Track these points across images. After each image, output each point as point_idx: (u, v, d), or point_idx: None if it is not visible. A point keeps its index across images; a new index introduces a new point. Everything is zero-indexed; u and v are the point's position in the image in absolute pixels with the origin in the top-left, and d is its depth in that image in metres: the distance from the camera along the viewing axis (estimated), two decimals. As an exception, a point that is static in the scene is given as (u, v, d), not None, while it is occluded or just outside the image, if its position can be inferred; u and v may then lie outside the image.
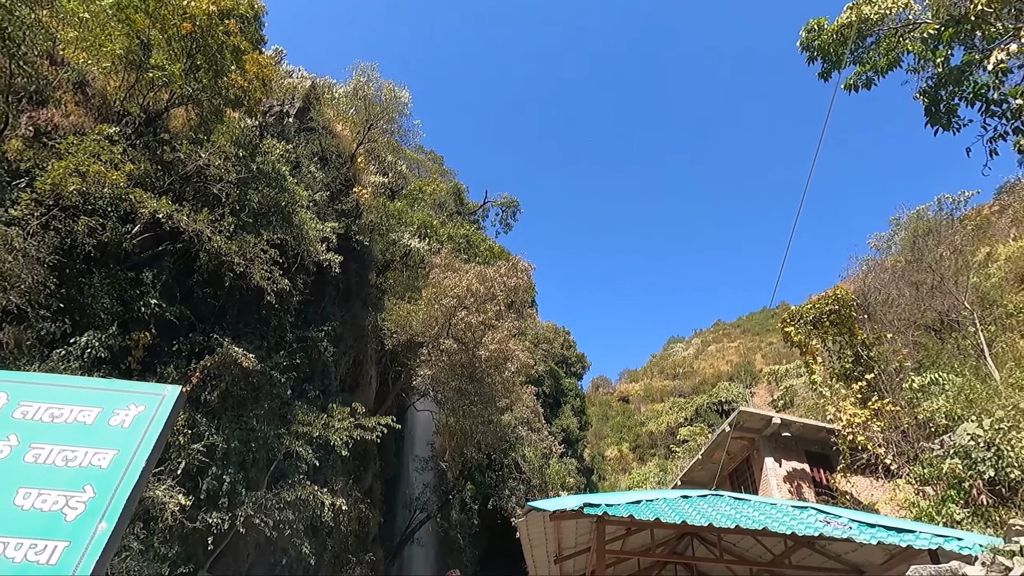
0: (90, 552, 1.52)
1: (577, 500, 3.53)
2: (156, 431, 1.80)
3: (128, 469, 1.68)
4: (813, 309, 10.58)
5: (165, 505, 8.32)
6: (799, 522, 3.16)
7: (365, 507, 15.61)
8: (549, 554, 4.44)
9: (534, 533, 4.05)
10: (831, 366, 10.36)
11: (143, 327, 9.53)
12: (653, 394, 69.71)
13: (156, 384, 1.90)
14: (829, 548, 4.42)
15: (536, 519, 3.74)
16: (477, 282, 14.64)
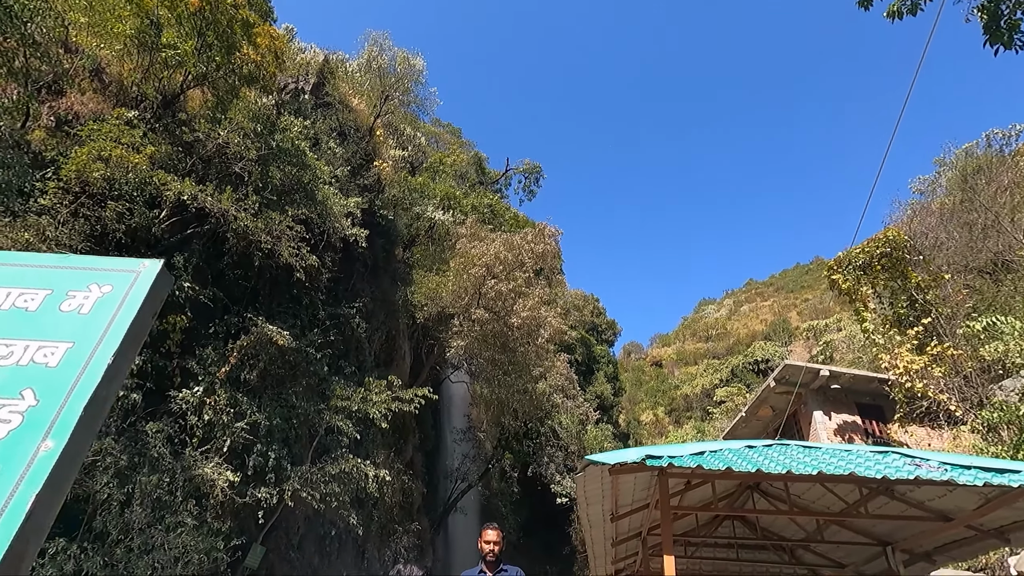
0: (27, 483, 0.98)
1: (638, 452, 3.31)
2: (128, 317, 1.27)
3: (87, 368, 1.17)
4: (863, 253, 9.96)
5: (215, 482, 8.47)
6: (886, 466, 2.88)
7: (407, 478, 15.83)
8: (605, 512, 4.25)
9: (591, 490, 3.86)
10: (883, 313, 9.81)
11: (178, 311, 9.59)
12: (686, 357, 69.05)
13: (130, 259, 1.38)
14: (911, 495, 4.12)
15: (594, 474, 3.53)
16: (505, 250, 14.37)
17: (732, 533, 5.76)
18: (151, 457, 7.80)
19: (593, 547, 5.25)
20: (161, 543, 7.01)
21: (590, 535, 4.93)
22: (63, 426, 1.09)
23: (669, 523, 3.42)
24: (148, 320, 1.40)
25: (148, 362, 8.60)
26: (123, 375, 1.30)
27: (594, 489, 3.80)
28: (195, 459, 8.37)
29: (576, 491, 3.88)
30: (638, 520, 4.79)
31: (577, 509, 4.21)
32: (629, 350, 76.36)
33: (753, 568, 6.33)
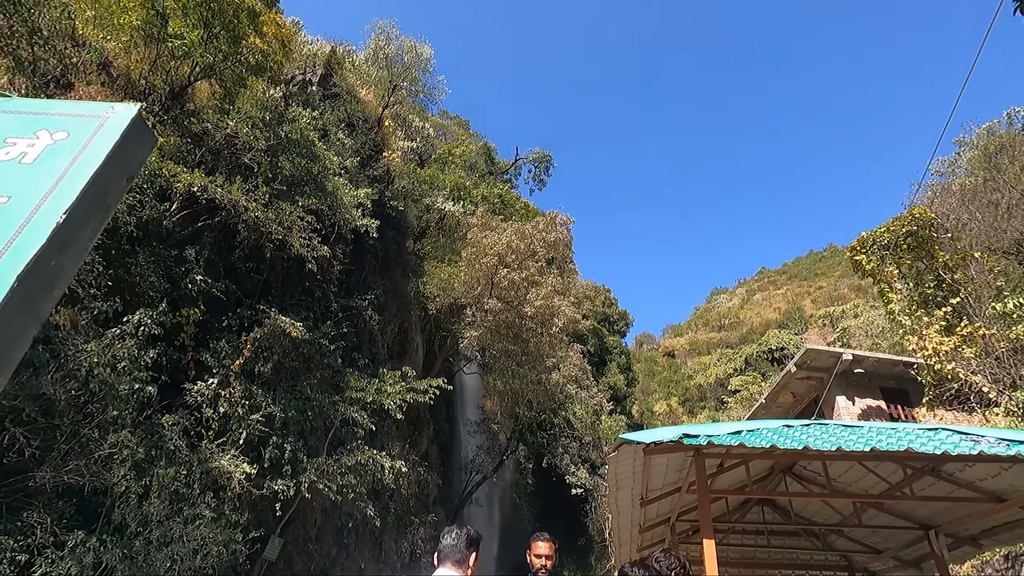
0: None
1: (674, 431, 3.15)
2: (87, 170, 0.99)
3: (26, 227, 0.91)
4: (888, 233, 9.65)
5: (232, 474, 8.43)
6: (941, 443, 2.69)
7: (423, 470, 15.80)
8: (634, 497, 4.09)
9: (622, 472, 3.70)
10: (909, 294, 9.50)
11: (192, 304, 9.55)
12: (699, 347, 68.57)
13: (95, 103, 1.08)
14: (960, 475, 3.92)
15: (627, 455, 3.38)
16: (516, 239, 14.20)
17: (762, 519, 5.58)
18: (168, 450, 7.76)
19: (619, 534, 5.10)
20: (180, 535, 6.97)
21: (617, 521, 4.77)
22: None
23: (707, 504, 3.26)
24: (119, 182, 1.09)
25: (162, 355, 8.55)
26: (83, 246, 1.01)
27: (625, 471, 3.64)
28: (211, 451, 8.33)
29: (608, 473, 3.72)
30: (667, 505, 4.62)
31: (607, 493, 4.05)
32: (641, 341, 76.00)
33: (783, 555, 6.15)
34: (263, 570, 9.89)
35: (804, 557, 6.27)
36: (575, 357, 24.90)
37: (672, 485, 4.31)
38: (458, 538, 2.61)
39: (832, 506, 5.06)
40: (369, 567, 13.30)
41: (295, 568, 10.73)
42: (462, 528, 2.72)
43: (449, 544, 2.58)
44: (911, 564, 5.45)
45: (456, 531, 2.67)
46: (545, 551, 3.50)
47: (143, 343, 8.14)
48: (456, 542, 2.59)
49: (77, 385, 6.88)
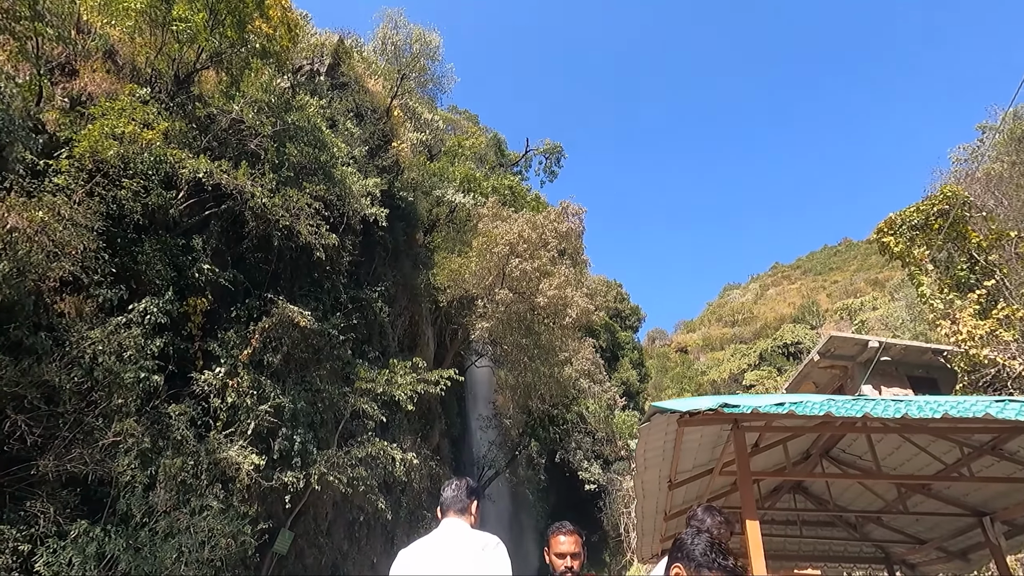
0: None
1: (713, 400, 2.87)
2: None
3: None
4: (917, 213, 9.20)
5: (240, 465, 8.26)
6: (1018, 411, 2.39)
7: (435, 464, 15.59)
8: (662, 479, 3.80)
9: (652, 447, 3.40)
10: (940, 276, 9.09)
11: (199, 293, 9.39)
12: (712, 343, 67.81)
13: None
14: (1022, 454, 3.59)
15: (659, 425, 3.08)
16: (528, 228, 13.92)
17: (793, 506, 5.26)
18: (174, 440, 7.60)
19: (643, 522, 4.80)
20: (187, 526, 6.80)
21: (641, 508, 4.48)
22: None
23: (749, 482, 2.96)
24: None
25: (169, 344, 8.40)
26: None
27: (655, 446, 3.35)
28: (219, 442, 8.16)
29: (636, 449, 3.44)
30: (695, 490, 4.33)
31: (634, 472, 3.76)
32: (653, 336, 75.31)
33: (815, 545, 5.80)
34: (273, 563, 9.72)
35: (837, 548, 5.92)
36: (587, 352, 24.58)
37: (703, 467, 4.01)
38: (459, 489, 2.58)
39: (874, 491, 4.71)
40: (381, 561, 13.11)
41: (306, 561, 10.56)
42: (461, 479, 2.68)
43: (451, 495, 2.56)
44: (957, 555, 5.08)
45: (456, 482, 2.64)
46: (570, 547, 2.87)
47: (149, 332, 7.98)
48: (457, 493, 2.57)
49: (81, 373, 6.72)
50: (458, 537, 2.40)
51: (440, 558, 2.34)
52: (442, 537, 2.44)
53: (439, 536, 2.46)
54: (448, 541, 2.40)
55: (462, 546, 2.34)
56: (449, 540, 2.40)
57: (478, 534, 2.42)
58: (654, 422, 3.03)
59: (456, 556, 2.31)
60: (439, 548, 2.39)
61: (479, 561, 2.27)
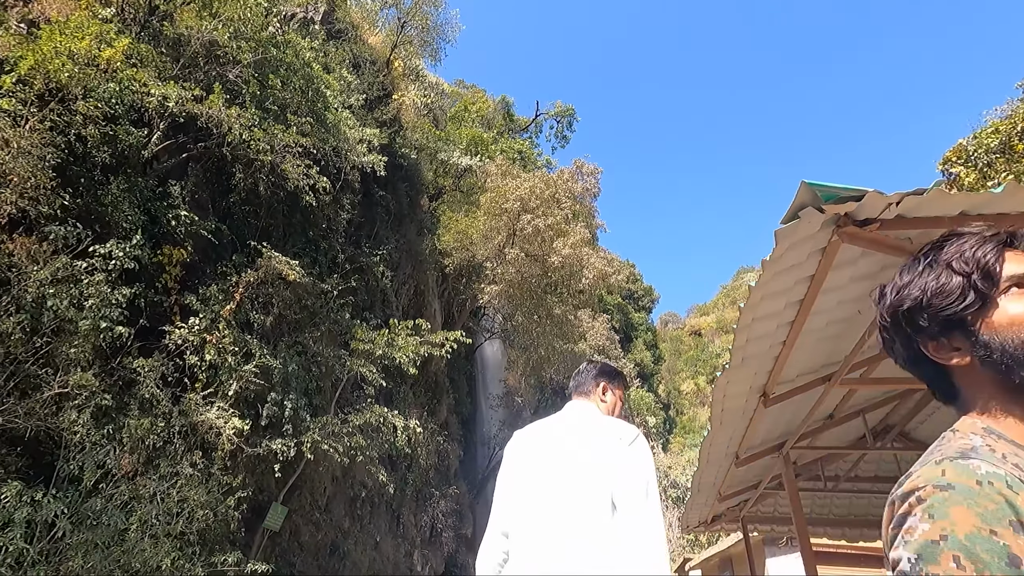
0: None
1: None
2: None
3: None
4: (995, 134, 7.91)
5: (220, 430, 7.36)
6: None
7: (443, 440, 14.71)
8: (752, 391, 2.71)
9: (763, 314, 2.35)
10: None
11: (177, 243, 8.46)
12: (727, 325, 66.31)
13: None
14: None
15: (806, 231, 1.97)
16: (541, 184, 12.83)
17: (897, 467, 4.18)
18: (141, 398, 6.69)
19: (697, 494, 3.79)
20: (152, 493, 5.89)
21: (699, 478, 3.48)
22: None
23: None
24: None
25: (140, 296, 7.47)
26: None
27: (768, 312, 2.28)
28: (196, 404, 7.25)
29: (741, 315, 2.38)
30: (757, 470, 3.36)
31: (712, 396, 2.68)
32: (666, 320, 73.94)
33: None
34: (264, 540, 8.87)
35: None
36: (602, 327, 23.59)
37: (774, 439, 3.00)
38: (585, 372, 2.13)
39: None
40: (386, 541, 12.29)
41: (301, 539, 9.71)
42: (592, 361, 2.20)
43: (575, 382, 2.13)
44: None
45: (584, 365, 2.18)
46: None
47: (115, 280, 7.05)
48: (583, 375, 2.12)
49: (26, 317, 5.81)
50: (586, 420, 1.89)
51: (566, 446, 1.80)
52: (565, 417, 1.94)
53: (561, 416, 1.97)
54: (573, 423, 1.89)
55: (592, 431, 1.81)
56: (575, 422, 1.89)
57: (613, 421, 1.88)
58: (806, 218, 1.87)
59: (584, 442, 1.78)
60: (561, 430, 1.87)
61: (615, 453, 1.71)
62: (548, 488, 1.73)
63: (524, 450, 1.89)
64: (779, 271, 2.22)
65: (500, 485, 1.91)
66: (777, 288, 2.31)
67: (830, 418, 3.12)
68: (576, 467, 1.72)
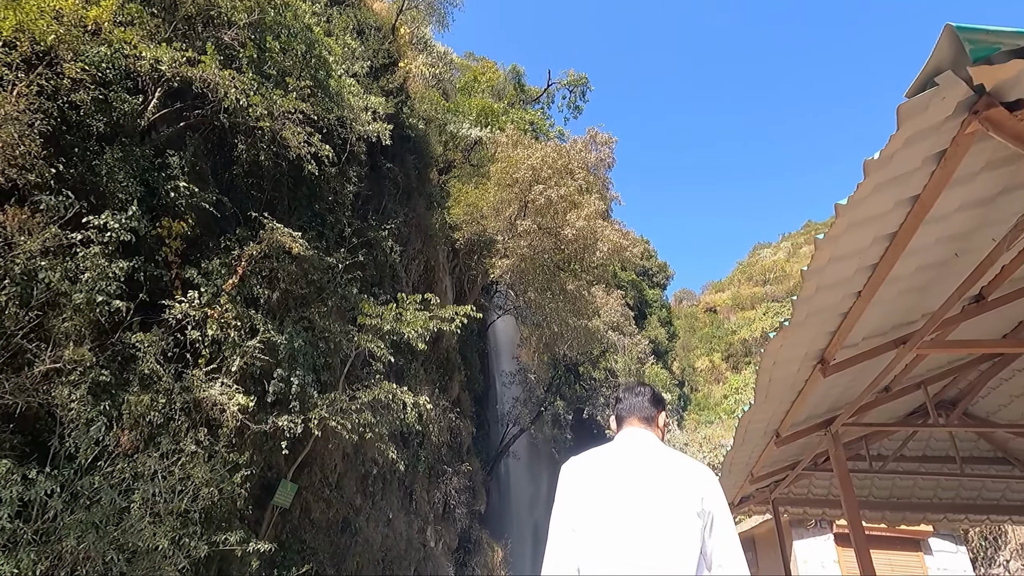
0: None
1: None
2: None
3: None
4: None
5: (224, 407, 7.17)
6: None
7: (455, 417, 14.54)
8: (816, 338, 2.27)
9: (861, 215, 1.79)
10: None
11: (177, 216, 8.19)
12: (742, 302, 65.35)
13: None
14: None
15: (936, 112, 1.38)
16: (554, 154, 12.33)
17: (953, 445, 3.78)
18: (142, 374, 6.48)
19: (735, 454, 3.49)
20: (153, 472, 5.71)
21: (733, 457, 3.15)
22: None
23: None
24: None
25: (140, 270, 7.23)
26: None
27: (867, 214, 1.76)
28: (199, 380, 7.04)
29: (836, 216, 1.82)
30: (795, 449, 3.01)
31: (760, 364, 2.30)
32: (680, 297, 73.13)
33: (959, 491, 4.35)
34: (274, 517, 8.77)
35: (992, 495, 4.47)
36: (616, 302, 23.18)
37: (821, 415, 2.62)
38: (642, 394, 1.99)
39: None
40: (399, 518, 12.22)
41: (312, 516, 9.62)
42: (643, 384, 2.08)
43: (633, 401, 1.97)
44: None
45: (639, 387, 2.05)
46: None
47: (112, 252, 6.81)
48: (641, 398, 1.98)
49: (16, 289, 5.59)
50: (656, 455, 1.78)
51: (638, 480, 1.69)
52: (633, 450, 1.81)
53: (627, 448, 1.83)
54: (644, 457, 1.76)
55: (668, 468, 1.71)
56: (645, 456, 1.77)
57: (682, 457, 1.79)
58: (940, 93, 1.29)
59: (662, 480, 1.68)
60: (633, 465, 1.74)
61: (696, 490, 1.65)
62: (639, 529, 1.61)
63: (598, 482, 1.73)
64: (882, 183, 1.64)
65: (565, 520, 1.73)
66: (870, 212, 1.79)
67: (886, 391, 2.74)
68: (670, 511, 1.62)
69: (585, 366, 26.09)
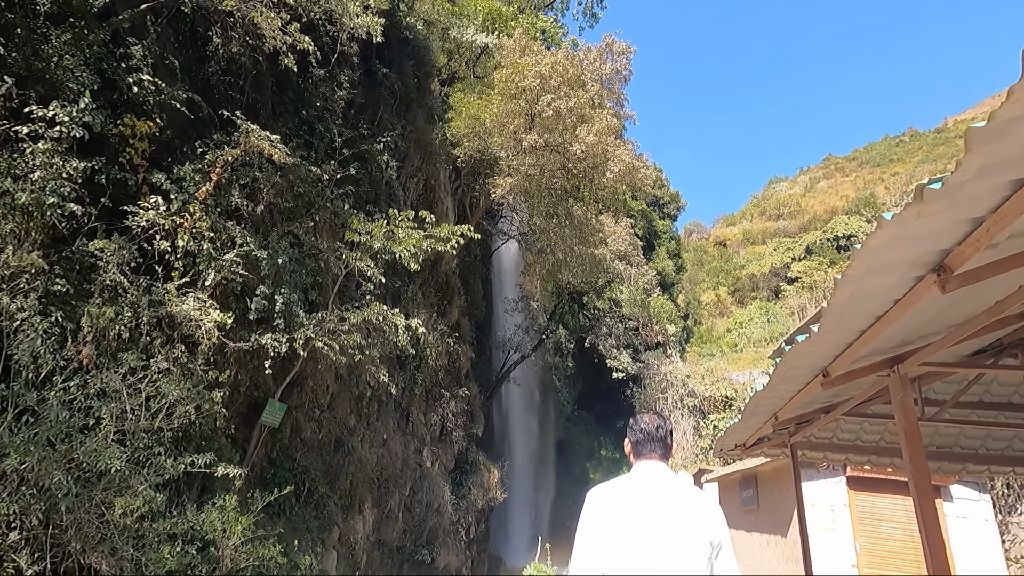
0: None
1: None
2: None
3: None
4: None
5: (200, 323, 6.70)
6: None
7: (453, 341, 14.24)
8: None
9: None
10: None
11: (143, 114, 7.37)
12: (753, 237, 63.95)
13: None
14: None
15: None
16: (565, 61, 11.14)
17: (986, 390, 3.25)
18: (104, 285, 5.96)
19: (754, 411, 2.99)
20: (117, 388, 5.31)
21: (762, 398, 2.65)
22: None
23: None
24: None
25: (100, 171, 6.54)
26: None
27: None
28: (170, 294, 6.53)
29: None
30: (835, 391, 2.45)
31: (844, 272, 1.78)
32: (691, 230, 71.68)
33: (1011, 442, 3.89)
34: (263, 435, 8.59)
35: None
36: (624, 231, 22.35)
37: (878, 355, 2.03)
38: (663, 431, 2.21)
39: None
40: (394, 439, 12.19)
41: (304, 436, 9.47)
42: (659, 417, 2.28)
43: (652, 432, 2.20)
44: None
45: (659, 424, 2.23)
46: None
47: (66, 150, 6.09)
48: (662, 437, 2.20)
49: (-54, 186, 4.96)
50: (673, 490, 2.01)
51: (659, 514, 1.95)
52: (654, 486, 2.05)
53: (648, 483, 2.07)
54: (663, 493, 2.00)
55: (684, 503, 1.97)
56: (663, 492, 2.01)
57: (695, 492, 2.03)
58: None
59: (679, 515, 1.94)
60: (654, 500, 1.99)
61: (715, 531, 1.92)
62: (659, 556, 1.85)
63: (623, 515, 1.96)
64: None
65: (594, 550, 1.96)
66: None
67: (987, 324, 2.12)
68: (685, 543, 1.87)
69: (589, 295, 25.70)
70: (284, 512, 8.89)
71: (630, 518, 1.93)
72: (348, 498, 10.18)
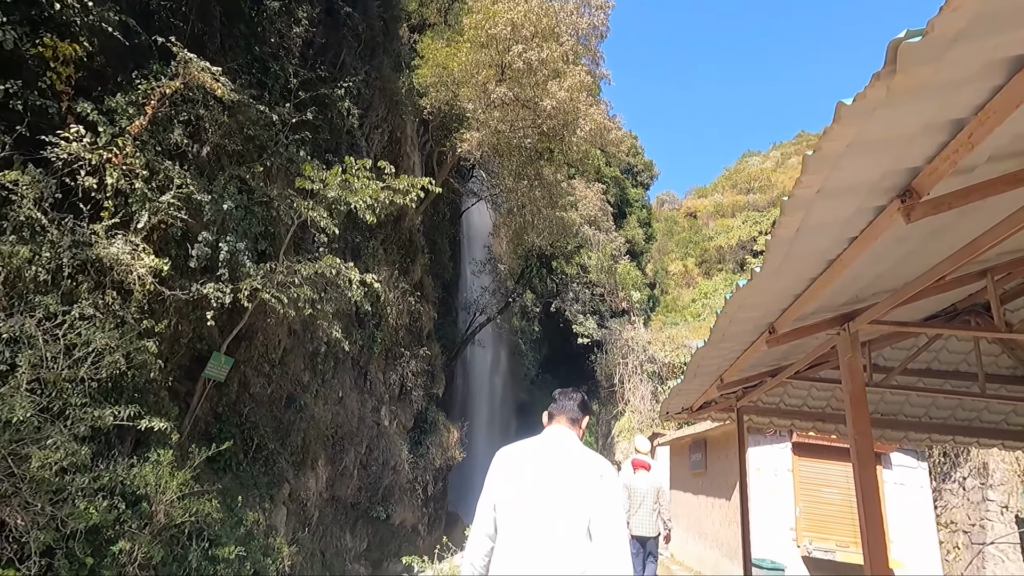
0: None
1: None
2: None
3: None
4: None
5: (131, 268, 6.24)
6: None
7: (415, 300, 13.94)
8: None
9: None
10: None
11: (68, 36, 6.64)
12: (723, 209, 64.64)
13: None
14: None
15: None
16: (539, 10, 10.59)
17: (978, 359, 3.17)
18: (17, 221, 5.43)
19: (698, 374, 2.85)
20: (32, 334, 4.88)
21: (703, 357, 2.50)
22: None
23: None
24: None
25: (16, 96, 5.91)
26: None
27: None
28: (98, 235, 6.03)
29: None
30: (782, 352, 2.30)
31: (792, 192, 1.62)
32: (663, 199, 71.90)
33: (1012, 412, 3.81)
34: (208, 389, 8.24)
35: (993, 417, 4.00)
36: (595, 197, 22.14)
37: (827, 311, 1.87)
38: (573, 399, 2.47)
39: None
40: (351, 396, 11.97)
41: (252, 391, 9.15)
42: (576, 391, 2.54)
43: (563, 403, 2.45)
44: None
45: (572, 393, 2.51)
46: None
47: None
48: (572, 403, 2.44)
49: None
50: (573, 452, 2.23)
51: (552, 471, 2.16)
52: (554, 446, 2.27)
53: (550, 443, 2.28)
54: (561, 453, 2.22)
55: (578, 465, 2.16)
56: (563, 452, 2.23)
57: (594, 457, 2.23)
58: None
59: (570, 475, 2.13)
60: (551, 458, 2.21)
61: (595, 489, 2.09)
62: (538, 508, 2.06)
63: (515, 470, 2.19)
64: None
65: (490, 497, 2.21)
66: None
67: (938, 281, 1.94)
68: (563, 495, 2.06)
69: (558, 260, 25.57)
70: (230, 468, 8.64)
71: (527, 475, 2.13)
72: (300, 455, 9.98)
